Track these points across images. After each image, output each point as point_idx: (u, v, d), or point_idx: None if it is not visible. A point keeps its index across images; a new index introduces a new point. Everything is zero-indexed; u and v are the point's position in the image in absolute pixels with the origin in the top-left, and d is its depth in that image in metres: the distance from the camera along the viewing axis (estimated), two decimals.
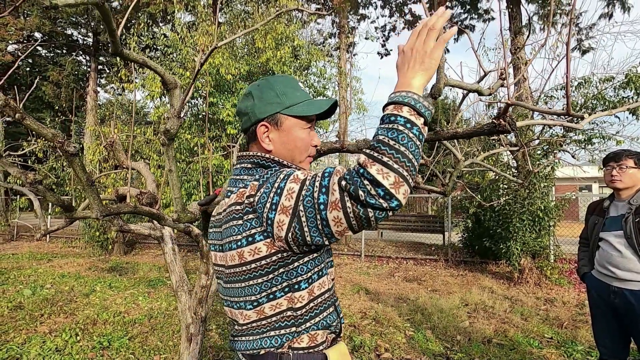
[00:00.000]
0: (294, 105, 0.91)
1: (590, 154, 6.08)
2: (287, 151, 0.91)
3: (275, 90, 0.91)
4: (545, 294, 5.09)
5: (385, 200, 0.65)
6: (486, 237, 6.32)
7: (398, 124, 0.68)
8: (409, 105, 0.69)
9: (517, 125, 0.96)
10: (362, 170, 0.67)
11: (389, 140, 0.67)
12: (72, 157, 1.70)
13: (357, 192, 0.66)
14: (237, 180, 0.90)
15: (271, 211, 0.75)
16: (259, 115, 0.90)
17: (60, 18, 14.83)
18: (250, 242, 0.79)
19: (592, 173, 10.00)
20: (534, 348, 3.21)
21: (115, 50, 1.08)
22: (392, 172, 0.65)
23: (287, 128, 0.90)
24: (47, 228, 2.51)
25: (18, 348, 3.03)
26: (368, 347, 3.20)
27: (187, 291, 2.53)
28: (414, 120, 0.69)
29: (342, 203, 0.68)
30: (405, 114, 0.69)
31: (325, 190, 0.70)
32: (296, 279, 0.82)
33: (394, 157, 0.66)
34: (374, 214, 0.67)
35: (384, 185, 0.65)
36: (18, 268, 6.58)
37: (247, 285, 0.82)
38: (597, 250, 2.05)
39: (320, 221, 0.71)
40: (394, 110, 0.70)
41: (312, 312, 0.85)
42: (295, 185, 0.75)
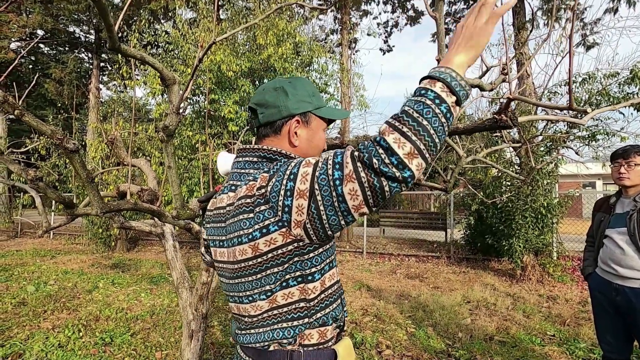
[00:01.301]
0: (321, 107, 0.95)
1: (594, 150, 6.03)
2: (309, 149, 0.94)
3: (307, 89, 0.94)
4: (547, 291, 5.07)
5: (398, 169, 0.66)
6: (488, 234, 6.30)
7: (427, 98, 0.67)
8: (444, 81, 0.68)
9: (519, 121, 0.94)
10: (379, 138, 0.68)
11: (413, 112, 0.67)
12: (71, 153, 1.69)
13: (371, 160, 0.66)
14: (243, 174, 0.89)
15: (287, 198, 0.75)
16: (293, 110, 0.91)
17: (63, 15, 14.82)
18: (264, 233, 0.78)
19: (596, 170, 9.93)
20: (536, 345, 3.20)
21: (113, 46, 1.07)
22: (409, 142, 0.65)
23: (315, 127, 0.94)
24: (49, 225, 2.52)
25: (21, 344, 3.05)
26: (369, 344, 3.20)
27: (188, 288, 2.53)
28: (444, 97, 0.68)
29: (356, 174, 0.68)
30: (437, 90, 0.68)
31: (339, 167, 0.71)
32: (310, 269, 0.82)
33: (414, 128, 0.66)
34: (387, 184, 0.67)
35: (397, 154, 0.65)
36: (22, 264, 6.63)
37: (264, 275, 0.82)
38: (601, 248, 2.03)
39: (336, 198, 0.70)
40: (427, 85, 0.69)
41: (322, 303, 0.85)
42: (308, 169, 0.75)
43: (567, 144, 5.81)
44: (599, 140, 5.97)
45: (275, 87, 0.93)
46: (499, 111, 0.92)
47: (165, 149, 1.37)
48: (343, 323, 0.93)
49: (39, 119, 4.25)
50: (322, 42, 10.28)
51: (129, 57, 1.12)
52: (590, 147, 6.02)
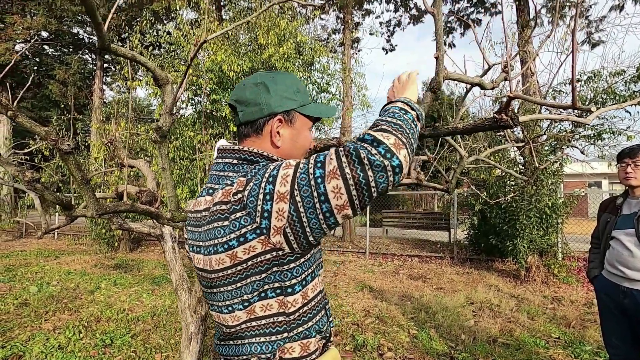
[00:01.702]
0: (306, 104, 0.90)
1: (600, 149, 5.95)
2: (293, 149, 0.89)
3: (289, 86, 0.88)
4: (552, 293, 5.01)
5: (386, 158, 0.66)
6: (492, 234, 6.24)
7: (393, 110, 0.77)
8: (402, 101, 0.81)
9: (520, 120, 0.90)
10: (361, 136, 0.70)
11: (386, 117, 0.75)
12: (66, 155, 1.67)
13: (358, 151, 0.66)
14: (221, 176, 0.84)
15: (266, 202, 0.71)
16: (275, 108, 0.85)
17: (66, 17, 14.92)
18: (242, 242, 0.74)
19: (602, 169, 9.81)
20: (541, 348, 3.15)
21: (102, 45, 1.05)
22: (392, 135, 0.69)
23: (299, 126, 0.89)
24: (48, 226, 2.51)
25: (22, 345, 3.04)
26: (371, 346, 3.16)
27: (186, 290, 2.51)
28: (407, 109, 0.78)
29: (340, 170, 0.66)
30: (399, 105, 0.79)
31: (321, 165, 0.69)
32: (290, 281, 0.77)
33: (392, 126, 0.71)
34: (374, 179, 0.66)
35: (384, 143, 0.67)
36: (26, 265, 6.66)
37: (243, 284, 0.77)
38: (607, 249, 1.99)
39: (317, 198, 0.67)
40: (390, 104, 0.81)
41: (305, 316, 0.81)
42: (289, 170, 0.72)
43: (572, 143, 5.73)
44: (604, 139, 5.89)
45: (256, 83, 0.87)
46: (499, 110, 0.88)
47: (158, 150, 1.35)
48: (329, 334, 0.89)
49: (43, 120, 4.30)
50: (324, 42, 10.25)
51: (120, 57, 1.10)
52: (596, 146, 5.94)
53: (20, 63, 15.38)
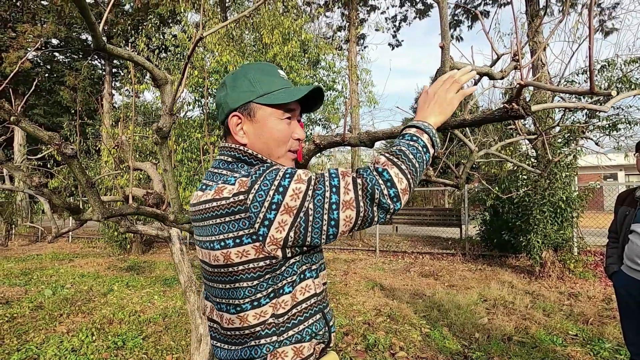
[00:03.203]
0: (268, 93, 0.84)
1: (616, 140, 5.78)
2: (262, 144, 0.84)
3: (248, 78, 0.85)
4: (568, 288, 4.88)
5: (393, 202, 0.72)
6: (505, 229, 6.12)
7: (419, 145, 0.78)
8: (429, 135, 0.80)
9: (532, 110, 0.85)
10: (381, 169, 0.72)
11: (409, 153, 0.76)
12: (70, 159, 1.67)
13: (374, 191, 0.70)
14: (215, 174, 0.83)
15: (270, 211, 0.71)
16: (231, 105, 0.84)
17: (75, 24, 15.15)
18: (237, 244, 0.73)
19: (618, 161, 9.55)
20: (558, 346, 3.06)
21: (98, 46, 1.03)
22: (405, 179, 0.73)
23: (262, 118, 0.84)
24: (58, 231, 2.53)
25: (36, 348, 3.09)
26: (382, 345, 3.12)
27: (195, 291, 2.50)
28: (429, 147, 0.80)
29: (356, 202, 0.71)
30: (425, 140, 0.80)
31: (336, 190, 0.72)
32: (281, 282, 0.77)
33: (409, 168, 0.74)
34: (377, 215, 0.72)
35: (397, 188, 0.71)
36: (41, 268, 6.78)
37: (232, 287, 0.77)
38: (626, 244, 1.91)
39: (327, 221, 0.71)
40: (417, 133, 0.80)
41: (294, 319, 0.78)
42: (302, 186, 0.72)
43: (586, 135, 5.57)
44: (620, 130, 5.72)
45: (221, 84, 0.88)
46: (510, 100, 0.83)
47: (160, 151, 1.33)
48: (328, 339, 0.86)
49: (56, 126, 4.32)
50: (329, 40, 10.19)
51: (116, 57, 1.08)
52: (612, 137, 5.77)
53: (32, 70, 15.69)
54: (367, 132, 1.29)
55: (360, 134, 1.32)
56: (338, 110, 7.71)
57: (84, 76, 15.19)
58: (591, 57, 0.62)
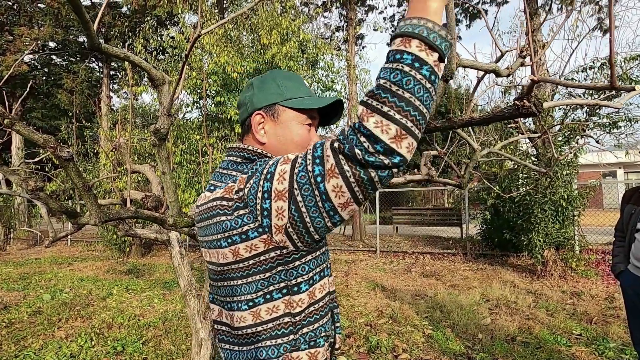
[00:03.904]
0: (294, 98, 0.86)
1: (616, 138, 5.76)
2: (282, 145, 0.85)
3: (276, 81, 0.87)
4: (571, 287, 4.86)
5: (386, 156, 0.58)
6: (506, 229, 6.10)
7: (403, 64, 0.57)
8: (420, 38, 0.57)
9: (544, 107, 0.82)
10: (357, 125, 0.59)
11: (390, 85, 0.57)
12: (65, 162, 1.63)
13: (354, 151, 0.58)
14: (224, 174, 0.82)
15: (265, 200, 0.69)
16: (256, 104, 0.86)
17: (72, 26, 15.10)
18: (244, 239, 0.73)
19: (617, 158, 9.53)
20: (562, 346, 3.03)
21: (92, 45, 1.00)
22: (393, 123, 0.56)
23: (285, 121, 0.85)
24: (56, 235, 2.49)
25: (34, 354, 3.04)
26: (385, 347, 3.09)
27: (195, 295, 2.47)
28: (424, 57, 0.57)
29: (338, 168, 0.61)
30: (414, 50, 0.57)
31: (320, 161, 0.63)
32: (296, 279, 0.75)
33: (396, 105, 0.56)
34: (376, 174, 0.60)
35: (383, 141, 0.57)
36: (40, 273, 6.73)
37: (244, 282, 0.76)
38: (633, 243, 1.88)
39: (319, 197, 0.63)
40: (401, 45, 0.58)
41: (310, 317, 0.78)
42: (286, 166, 0.68)
43: (587, 133, 5.56)
44: (620, 128, 5.70)
45: (248, 85, 0.91)
46: (520, 97, 0.80)
47: (157, 153, 1.29)
48: (334, 340, 0.85)
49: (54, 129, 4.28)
50: (327, 40, 10.17)
51: (112, 57, 1.04)
52: (612, 135, 5.75)
53: (29, 74, 15.63)
54: None
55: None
56: None
57: (82, 79, 15.13)
58: (612, 49, 0.59)
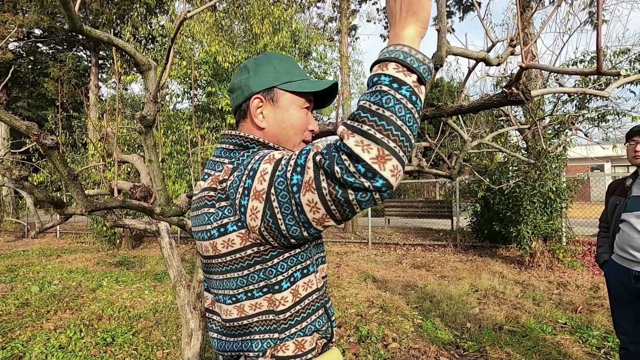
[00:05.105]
0: (292, 81, 0.83)
1: (604, 131, 5.85)
2: (282, 130, 0.82)
3: (272, 64, 0.84)
4: (557, 278, 4.96)
5: (367, 178, 0.54)
6: (496, 221, 6.18)
7: (382, 85, 0.56)
8: (396, 60, 0.57)
9: (532, 95, 0.82)
10: (339, 143, 0.56)
11: (370, 105, 0.56)
12: (49, 150, 1.59)
13: (333, 168, 0.55)
14: (216, 162, 0.80)
15: (244, 197, 0.67)
16: (253, 88, 0.82)
17: (59, 13, 14.68)
18: (222, 232, 0.71)
19: (605, 152, 9.69)
20: (548, 334, 3.10)
21: (74, 27, 0.96)
22: (374, 143, 0.54)
23: (284, 105, 0.82)
24: (42, 225, 2.44)
25: (22, 346, 3.01)
26: (375, 337, 3.12)
27: (185, 286, 2.46)
28: (402, 77, 0.56)
29: (316, 183, 0.57)
30: (391, 72, 0.56)
31: (301, 170, 0.60)
32: (276, 278, 0.72)
33: (376, 124, 0.54)
34: (355, 197, 0.56)
35: (364, 160, 0.53)
36: (28, 265, 6.64)
37: (225, 278, 0.75)
38: (617, 233, 1.91)
39: (295, 206, 0.61)
40: (378, 70, 0.58)
41: (297, 316, 0.75)
42: (268, 166, 0.65)
43: (576, 126, 5.62)
44: (609, 121, 5.78)
45: (242, 68, 0.87)
46: (509, 84, 0.80)
47: (144, 141, 1.27)
48: (330, 334, 0.83)
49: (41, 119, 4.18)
50: (320, 30, 10.06)
51: (95, 40, 1.01)
52: (600, 129, 5.83)
53: (14, 62, 15.20)
54: None
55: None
56: None
57: (69, 68, 14.79)
58: (599, 34, 0.59)
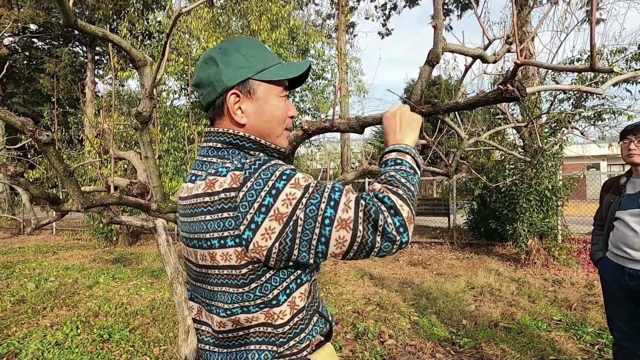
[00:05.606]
0: (266, 69, 0.77)
1: (601, 130, 5.87)
2: (264, 123, 0.78)
3: (242, 52, 0.77)
4: (553, 275, 5.00)
5: (399, 232, 0.64)
6: (492, 218, 6.21)
7: (406, 167, 0.73)
8: (411, 155, 0.76)
9: (528, 92, 0.82)
10: (381, 196, 0.66)
11: (400, 177, 0.70)
12: (45, 146, 1.58)
13: (377, 216, 0.63)
14: (204, 162, 0.76)
15: (259, 214, 0.64)
16: (227, 82, 0.75)
17: (55, 8, 14.55)
18: (222, 245, 0.67)
19: (601, 151, 9.75)
20: (542, 331, 3.13)
21: (68, 22, 0.95)
22: (406, 205, 0.66)
23: (262, 96, 0.77)
24: (38, 222, 2.43)
25: (18, 343, 3.01)
26: (372, 333, 3.14)
27: (182, 282, 2.46)
28: (415, 168, 0.75)
29: (354, 224, 0.63)
30: (410, 161, 0.75)
31: (335, 205, 0.65)
32: (272, 293, 0.70)
33: (406, 192, 0.68)
34: (380, 245, 0.64)
35: (401, 216, 0.64)
36: (24, 261, 6.61)
37: (220, 290, 0.71)
38: (611, 231, 1.93)
39: (317, 236, 0.64)
40: (399, 156, 0.76)
41: (296, 328, 0.73)
42: (296, 191, 0.64)
43: (572, 125, 5.65)
44: (605, 120, 5.81)
45: (206, 60, 0.79)
46: (504, 81, 0.80)
47: (140, 137, 1.27)
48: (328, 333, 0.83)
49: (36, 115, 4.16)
50: (318, 27, 10.03)
51: (90, 35, 1.00)
52: (596, 127, 5.86)
53: (9, 57, 15.07)
54: (357, 118, 1.26)
55: (349, 120, 1.28)
56: (327, 100, 7.64)
57: (65, 63, 14.67)
58: (592, 31, 0.59)
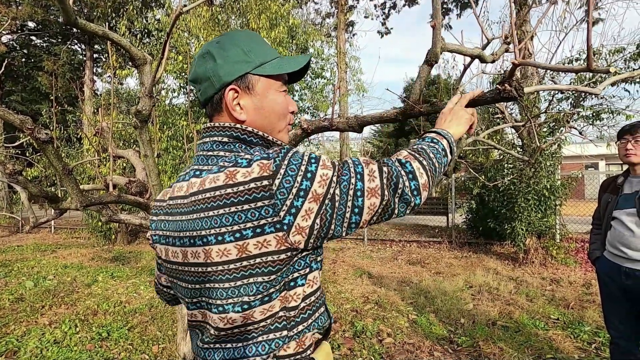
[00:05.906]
0: (265, 63, 0.76)
1: (599, 130, 5.89)
2: (264, 119, 0.77)
3: (240, 46, 0.75)
4: (551, 274, 5.02)
5: (413, 195, 0.71)
6: (491, 217, 6.23)
7: (439, 147, 0.81)
8: (448, 140, 0.85)
9: (525, 92, 0.83)
10: (404, 161, 0.73)
11: (430, 152, 0.78)
12: (44, 144, 1.58)
13: (398, 180, 0.70)
14: (210, 157, 0.74)
15: (298, 198, 0.64)
16: (225, 77, 0.74)
17: (52, 6, 14.50)
18: (258, 233, 0.65)
19: (599, 150, 9.77)
20: (540, 330, 3.15)
21: (68, 20, 0.96)
22: (425, 174, 0.73)
23: (262, 92, 0.76)
24: (36, 220, 2.43)
25: (17, 340, 3.01)
26: (370, 332, 3.15)
27: None
28: (448, 152, 0.83)
29: (381, 190, 0.70)
30: (445, 145, 0.83)
31: (361, 177, 0.70)
32: (292, 275, 0.70)
33: (430, 165, 0.75)
34: (398, 207, 0.71)
35: (418, 181, 0.71)
36: (22, 260, 6.61)
37: (244, 284, 0.68)
38: (609, 230, 1.94)
39: (351, 208, 0.69)
40: (437, 137, 0.84)
41: (304, 312, 0.73)
42: (328, 171, 0.68)
43: (571, 124, 5.66)
44: (603, 120, 5.83)
45: (202, 55, 0.77)
46: (502, 80, 0.81)
47: (139, 135, 1.27)
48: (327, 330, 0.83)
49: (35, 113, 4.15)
50: (317, 26, 10.02)
51: (89, 33, 1.01)
52: (595, 127, 5.87)
53: (7, 55, 15.01)
54: (356, 117, 1.26)
55: (348, 119, 1.28)
56: (326, 98, 7.64)
57: (63, 61, 14.63)
58: (589, 30, 0.59)
